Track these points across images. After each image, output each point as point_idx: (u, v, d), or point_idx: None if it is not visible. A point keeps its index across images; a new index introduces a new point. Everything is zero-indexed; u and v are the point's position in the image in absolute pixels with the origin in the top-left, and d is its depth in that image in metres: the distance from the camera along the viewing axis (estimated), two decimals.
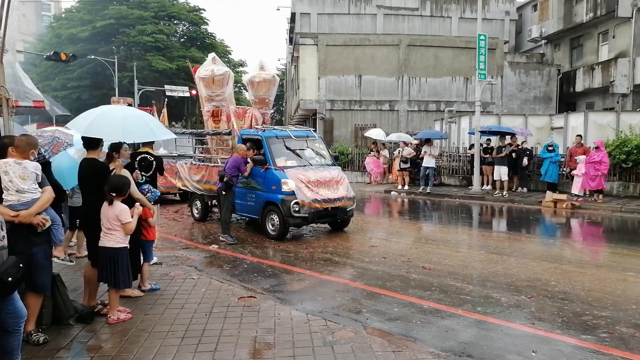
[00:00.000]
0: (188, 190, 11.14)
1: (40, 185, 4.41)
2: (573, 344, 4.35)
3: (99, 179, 4.76)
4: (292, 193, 8.66)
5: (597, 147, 13.15)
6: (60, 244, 5.26)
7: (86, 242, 5.20)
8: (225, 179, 8.74)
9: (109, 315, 4.72)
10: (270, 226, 9.04)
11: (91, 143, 4.86)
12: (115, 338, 4.32)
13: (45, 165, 4.93)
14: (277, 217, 8.84)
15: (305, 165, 9.36)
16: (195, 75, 11.01)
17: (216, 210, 10.75)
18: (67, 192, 6.26)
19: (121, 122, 4.76)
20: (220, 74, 10.53)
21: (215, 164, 10.41)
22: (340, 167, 10.08)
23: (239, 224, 10.68)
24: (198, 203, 11.04)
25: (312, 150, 9.92)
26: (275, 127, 10.70)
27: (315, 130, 11.65)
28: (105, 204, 4.74)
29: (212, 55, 11.24)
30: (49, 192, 4.26)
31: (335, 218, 9.34)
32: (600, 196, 13.28)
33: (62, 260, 6.66)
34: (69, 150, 6.33)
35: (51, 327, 4.43)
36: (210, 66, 10.70)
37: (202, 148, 12.21)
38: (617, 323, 4.84)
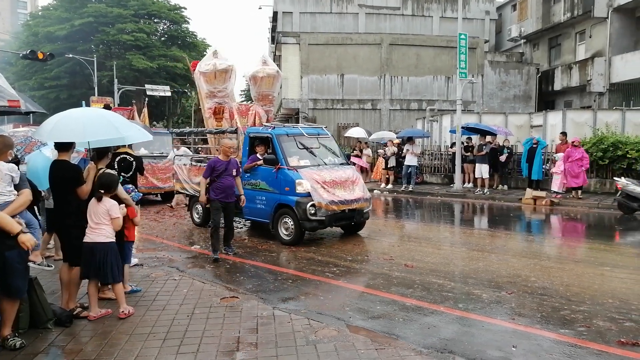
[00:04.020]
0: (187, 193, 10.45)
1: (19, 187, 4.32)
2: (552, 338, 4.42)
3: (69, 180, 4.72)
4: (308, 194, 8.12)
5: (575, 145, 13.39)
6: (37, 249, 5.16)
7: (60, 244, 5.11)
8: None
9: (121, 310, 4.74)
10: (284, 230, 8.45)
11: (62, 145, 4.79)
12: (95, 341, 4.25)
13: (15, 164, 4.84)
14: (292, 220, 8.26)
15: (319, 165, 8.79)
16: (195, 70, 10.34)
17: None
18: (42, 193, 6.14)
19: (82, 123, 4.72)
20: (223, 68, 9.83)
21: None
22: (353, 167, 9.57)
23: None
24: (199, 207, 10.15)
25: (325, 148, 9.37)
26: (286, 124, 10.12)
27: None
28: (93, 200, 4.80)
29: (213, 48, 10.50)
30: (25, 195, 4.18)
31: (352, 221, 8.88)
32: (579, 192, 13.53)
33: (38, 264, 6.52)
34: (45, 151, 6.22)
35: (29, 331, 4.34)
36: (211, 60, 10.01)
37: (202, 148, 11.58)
38: (595, 317, 4.94)
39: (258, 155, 8.77)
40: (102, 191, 4.81)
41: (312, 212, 8.05)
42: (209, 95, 10.13)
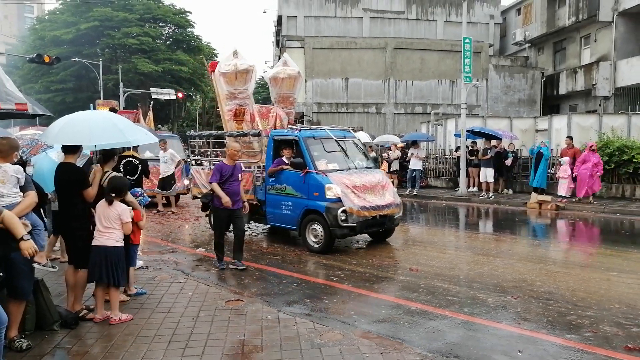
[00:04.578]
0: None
1: (24, 189, 4.34)
2: (558, 344, 4.40)
3: (74, 183, 4.73)
4: (338, 200, 7.75)
5: (593, 150, 13.20)
6: (42, 250, 5.18)
7: (66, 246, 5.13)
8: (203, 199, 7.27)
9: (111, 316, 4.72)
10: (312, 238, 8.08)
11: (69, 148, 4.81)
12: (101, 343, 4.26)
13: (22, 166, 4.86)
14: (321, 227, 7.90)
15: (349, 169, 8.44)
16: (215, 70, 9.89)
17: None
18: (49, 195, 6.17)
19: (88, 125, 4.75)
20: (244, 68, 9.43)
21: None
22: (383, 170, 9.32)
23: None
24: None
25: (352, 151, 9.02)
26: (312, 126, 9.68)
27: None
28: (103, 204, 4.83)
29: (234, 48, 10.19)
30: (31, 197, 4.19)
31: (382, 227, 8.53)
32: (591, 198, 13.36)
33: (43, 266, 6.53)
34: (51, 154, 6.25)
35: (35, 333, 4.35)
36: (232, 60, 9.58)
37: (220, 152, 11.00)
38: (601, 322, 4.90)
39: (284, 158, 8.44)
40: (113, 195, 4.82)
41: (343, 218, 7.68)
42: (229, 96, 9.73)
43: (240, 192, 7.26)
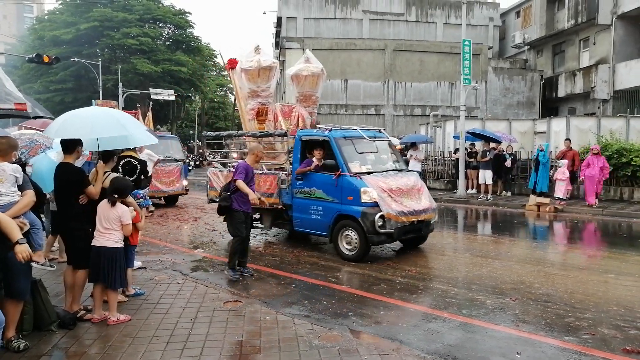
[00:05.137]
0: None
1: (22, 188, 4.33)
2: (556, 346, 4.40)
3: (73, 184, 4.74)
4: (374, 204, 7.26)
5: (597, 153, 13.19)
6: (40, 249, 5.17)
7: (65, 247, 5.12)
8: (222, 202, 6.66)
9: (109, 317, 4.71)
10: (345, 245, 7.58)
11: (67, 147, 4.81)
12: (99, 344, 4.25)
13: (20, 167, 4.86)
14: (355, 234, 7.40)
15: (384, 171, 7.97)
16: (237, 67, 9.37)
17: (260, 225, 9.27)
18: (47, 195, 6.16)
19: (89, 119, 4.83)
20: (267, 65, 8.99)
21: (259, 171, 8.58)
22: (417, 173, 9.02)
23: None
24: None
25: (384, 152, 8.59)
26: (343, 126, 9.24)
27: None
28: (104, 204, 4.82)
29: (255, 44, 9.71)
30: (29, 196, 4.18)
31: (419, 233, 8.07)
32: (596, 200, 13.30)
33: (41, 265, 6.52)
34: (50, 154, 6.25)
35: (32, 334, 4.34)
36: (254, 56, 9.10)
37: (238, 153, 10.39)
38: (599, 324, 4.91)
39: (314, 159, 7.91)
40: (116, 196, 4.82)
41: (381, 224, 7.17)
42: (252, 94, 9.25)
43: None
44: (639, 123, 16.22)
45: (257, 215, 8.87)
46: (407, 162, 16.88)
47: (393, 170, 8.20)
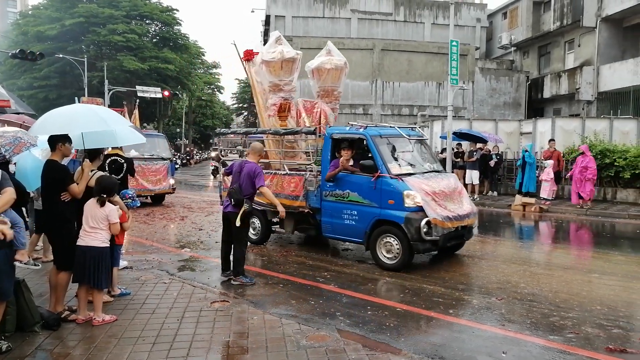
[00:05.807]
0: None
1: (2, 186, 4.26)
2: (541, 345, 4.45)
3: (58, 182, 4.68)
4: (419, 209, 6.66)
5: (582, 153, 13.29)
6: (22, 248, 5.09)
7: (52, 246, 5.05)
8: (245, 207, 6.12)
9: (94, 317, 4.64)
10: (385, 253, 6.95)
11: (51, 143, 4.76)
12: (83, 345, 4.19)
13: (4, 165, 4.79)
14: (397, 241, 6.79)
15: (425, 173, 7.39)
16: (256, 58, 8.75)
17: (280, 230, 8.86)
18: (31, 194, 6.07)
19: (68, 115, 4.87)
20: (291, 56, 8.34)
21: (283, 172, 8.25)
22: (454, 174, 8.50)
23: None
24: (256, 221, 8.49)
25: (422, 152, 8.08)
26: (378, 123, 8.62)
27: None
28: (92, 203, 4.76)
29: (275, 33, 8.93)
30: (9, 194, 4.10)
31: (462, 239, 7.60)
32: (589, 201, 13.27)
33: (25, 264, 6.43)
34: (34, 151, 6.14)
35: (15, 334, 4.27)
36: (276, 47, 8.44)
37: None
38: (583, 323, 4.98)
39: (342, 160, 7.36)
40: (105, 195, 4.75)
41: (426, 230, 6.56)
42: (274, 88, 8.59)
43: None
44: (622, 124, 16.50)
45: (275, 219, 8.40)
46: None
47: (433, 171, 7.65)
